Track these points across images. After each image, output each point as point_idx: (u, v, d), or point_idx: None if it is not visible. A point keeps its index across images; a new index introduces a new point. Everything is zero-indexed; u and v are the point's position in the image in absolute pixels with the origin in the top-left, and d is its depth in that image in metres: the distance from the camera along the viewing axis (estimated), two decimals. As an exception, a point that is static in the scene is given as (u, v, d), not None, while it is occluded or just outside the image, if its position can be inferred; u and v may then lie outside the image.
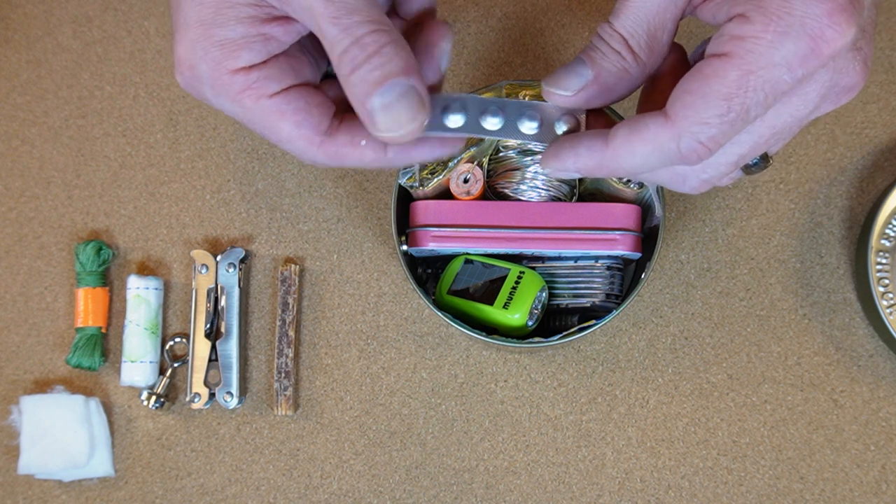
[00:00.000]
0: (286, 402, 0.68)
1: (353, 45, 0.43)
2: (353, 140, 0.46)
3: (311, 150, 0.47)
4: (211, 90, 0.46)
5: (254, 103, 0.46)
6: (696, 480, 0.67)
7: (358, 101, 0.44)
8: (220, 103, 0.47)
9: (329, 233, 0.70)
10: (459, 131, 0.48)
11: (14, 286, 0.71)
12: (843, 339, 0.68)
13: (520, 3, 0.72)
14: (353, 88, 0.44)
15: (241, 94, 0.46)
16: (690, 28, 0.70)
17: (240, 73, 0.45)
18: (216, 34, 0.45)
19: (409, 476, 0.68)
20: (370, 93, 0.43)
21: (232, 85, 0.45)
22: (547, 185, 0.61)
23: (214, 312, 0.69)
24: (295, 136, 0.46)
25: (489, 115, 0.48)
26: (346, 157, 0.47)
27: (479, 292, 0.60)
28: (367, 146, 0.46)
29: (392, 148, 0.46)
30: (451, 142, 0.48)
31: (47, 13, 0.73)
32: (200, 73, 0.46)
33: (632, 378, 0.68)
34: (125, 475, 0.69)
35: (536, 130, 0.48)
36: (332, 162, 0.47)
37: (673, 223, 0.69)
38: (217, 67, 0.45)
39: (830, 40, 0.42)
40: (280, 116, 0.46)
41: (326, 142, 0.46)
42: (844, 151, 0.70)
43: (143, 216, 0.71)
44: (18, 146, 0.72)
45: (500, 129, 0.48)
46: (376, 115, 0.43)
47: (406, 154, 0.47)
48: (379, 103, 0.43)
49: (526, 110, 0.48)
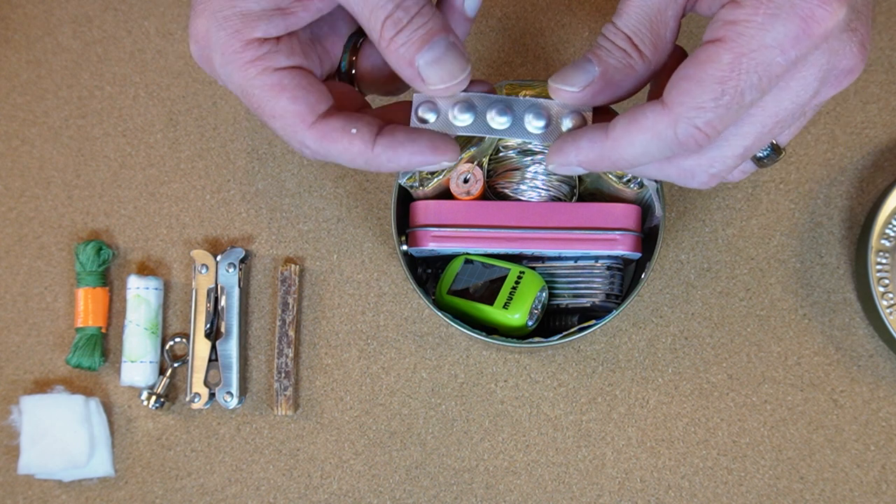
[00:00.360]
0: (286, 402, 0.68)
1: (396, 8, 0.45)
2: (345, 127, 0.47)
3: (300, 130, 0.47)
4: (221, 58, 0.47)
5: (258, 74, 0.47)
6: (696, 480, 0.67)
7: (405, 60, 0.46)
8: (226, 73, 0.47)
9: (329, 233, 0.70)
10: (467, 130, 0.48)
11: (14, 286, 0.71)
12: (843, 339, 0.68)
13: (520, 3, 0.72)
14: (399, 49, 0.46)
15: (250, 63, 0.47)
16: (691, 28, 0.70)
17: (253, 43, 0.47)
18: (239, 5, 0.46)
19: (409, 476, 0.68)
20: (418, 49, 0.46)
21: (243, 54, 0.47)
22: (547, 185, 0.61)
23: (214, 312, 0.69)
24: (289, 112, 0.47)
25: (497, 113, 0.48)
26: (334, 142, 0.47)
27: (479, 292, 0.60)
28: (357, 136, 0.47)
29: (380, 143, 0.47)
30: (441, 149, 0.48)
31: (47, 13, 0.73)
32: (214, 42, 0.47)
33: (632, 378, 0.68)
34: (125, 475, 0.69)
35: (543, 129, 0.48)
36: (319, 146, 0.47)
37: (673, 223, 0.69)
38: (233, 35, 0.47)
39: (821, 20, 0.42)
40: (280, 90, 0.47)
41: (318, 123, 0.47)
42: (844, 151, 0.70)
43: (143, 216, 0.71)
44: (18, 146, 0.72)
45: (507, 128, 0.49)
46: (426, 69, 0.46)
47: (393, 152, 0.47)
48: (429, 58, 0.46)
49: (533, 109, 0.48)
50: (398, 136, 0.47)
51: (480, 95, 0.48)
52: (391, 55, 0.46)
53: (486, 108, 0.48)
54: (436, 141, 0.47)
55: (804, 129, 0.69)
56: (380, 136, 0.47)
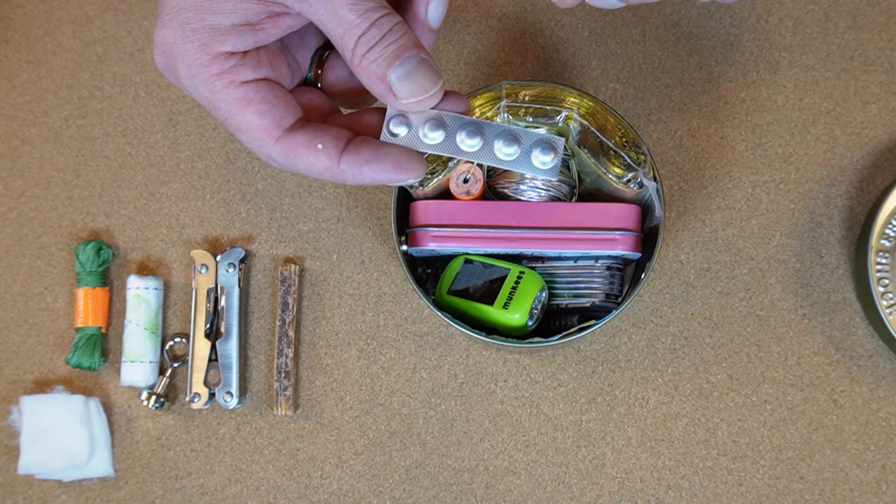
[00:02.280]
0: (286, 402, 0.68)
1: (371, 26, 0.46)
2: (311, 142, 0.47)
3: (267, 144, 0.48)
4: (186, 70, 0.47)
5: (224, 87, 0.47)
6: (696, 480, 0.67)
7: (376, 76, 0.47)
8: (192, 85, 0.48)
9: (329, 233, 0.70)
10: (436, 149, 0.48)
11: (14, 286, 0.71)
12: (843, 339, 0.68)
13: (520, 3, 0.72)
14: (370, 66, 0.47)
15: (215, 77, 0.47)
16: (691, 28, 0.70)
17: (220, 56, 0.47)
18: (208, 19, 0.47)
19: (409, 476, 0.68)
20: (390, 65, 0.47)
21: (209, 67, 0.47)
22: (547, 185, 0.61)
23: (214, 312, 0.69)
24: (255, 126, 0.47)
25: (467, 136, 0.48)
26: (300, 157, 0.48)
27: (479, 292, 0.60)
28: (323, 151, 0.47)
29: (345, 160, 0.47)
30: (406, 167, 0.48)
31: (47, 13, 0.73)
32: (180, 54, 0.47)
33: (632, 378, 0.68)
34: (125, 475, 0.69)
35: (513, 157, 0.48)
36: (286, 161, 0.48)
37: (673, 223, 0.69)
38: (201, 49, 0.47)
39: None
40: (246, 104, 0.47)
41: (284, 138, 0.48)
42: (844, 151, 0.70)
43: (143, 216, 0.71)
44: (18, 146, 0.72)
45: (476, 151, 0.49)
46: (397, 84, 0.47)
47: (358, 169, 0.48)
48: (400, 72, 0.47)
49: (504, 135, 0.48)
50: (364, 152, 0.48)
51: (453, 115, 0.48)
52: (363, 71, 0.47)
53: (457, 129, 0.48)
54: (400, 159, 0.48)
55: (804, 129, 0.69)
56: (345, 151, 0.48)
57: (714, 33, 0.70)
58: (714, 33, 0.70)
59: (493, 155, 0.49)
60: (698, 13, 0.70)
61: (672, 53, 0.70)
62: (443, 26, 0.57)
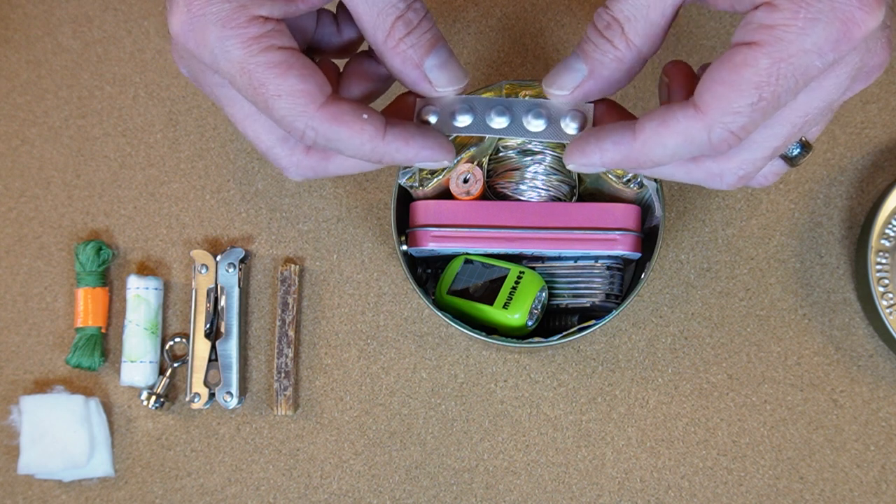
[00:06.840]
0: (286, 402, 0.68)
1: (407, 9, 0.46)
2: (356, 111, 0.45)
3: (309, 110, 0.45)
4: (219, 32, 0.45)
5: (262, 51, 0.45)
6: (696, 480, 0.67)
7: (412, 62, 0.46)
8: (223, 48, 0.45)
9: (329, 233, 0.70)
10: (467, 130, 0.49)
11: (14, 286, 0.71)
12: (843, 339, 0.68)
13: (520, 3, 0.72)
14: (407, 51, 0.46)
15: (253, 39, 0.45)
16: (691, 28, 0.70)
17: (257, 20, 0.45)
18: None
19: (409, 476, 0.68)
20: (427, 52, 0.46)
21: (247, 29, 0.45)
22: (546, 185, 0.61)
23: (214, 312, 0.69)
24: (298, 91, 0.45)
25: (496, 114, 0.49)
26: (344, 125, 0.45)
27: (478, 292, 0.60)
28: (369, 121, 0.45)
29: (391, 132, 0.46)
30: (448, 148, 0.48)
31: (47, 13, 0.73)
32: (213, 13, 0.45)
33: (632, 378, 0.68)
34: (125, 475, 0.69)
35: (544, 128, 0.49)
36: (328, 131, 0.45)
37: (673, 223, 0.69)
38: (238, 10, 0.44)
39: (862, 22, 0.42)
40: (288, 67, 0.45)
41: (329, 104, 0.45)
42: (844, 151, 0.70)
43: (143, 216, 0.71)
44: (18, 146, 0.72)
45: (506, 127, 0.49)
46: (434, 72, 0.47)
47: (403, 143, 0.46)
48: (436, 61, 0.46)
49: (532, 109, 0.49)
50: (410, 128, 0.47)
51: (480, 98, 0.49)
52: (397, 56, 0.46)
53: (486, 110, 0.49)
54: (441, 140, 0.47)
55: (804, 129, 0.69)
56: (390, 125, 0.46)
57: (714, 33, 0.70)
58: (714, 33, 0.70)
59: (524, 129, 0.49)
60: (698, 13, 0.70)
61: (672, 53, 0.70)
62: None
